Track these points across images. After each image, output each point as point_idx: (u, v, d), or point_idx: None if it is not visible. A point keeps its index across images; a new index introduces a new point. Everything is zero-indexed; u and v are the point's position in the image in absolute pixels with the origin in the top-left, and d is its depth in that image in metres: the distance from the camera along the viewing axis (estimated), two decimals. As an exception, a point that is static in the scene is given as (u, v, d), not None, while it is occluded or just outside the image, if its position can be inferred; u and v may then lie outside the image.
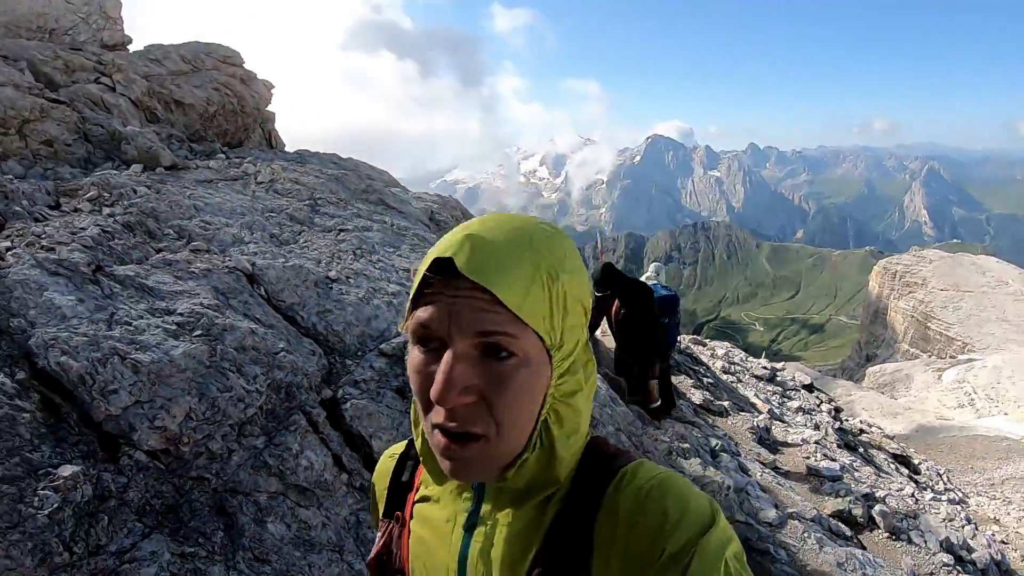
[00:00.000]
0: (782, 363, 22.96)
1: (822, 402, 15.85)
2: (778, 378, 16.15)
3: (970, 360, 41.75)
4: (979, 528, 10.22)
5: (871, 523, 7.28)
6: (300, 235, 5.41)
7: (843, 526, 6.83)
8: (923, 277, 60.40)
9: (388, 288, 4.83)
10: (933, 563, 6.82)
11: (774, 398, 13.52)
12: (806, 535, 5.90)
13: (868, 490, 8.31)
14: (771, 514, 5.97)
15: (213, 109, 10.32)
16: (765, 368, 16.31)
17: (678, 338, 9.78)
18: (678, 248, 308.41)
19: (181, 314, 3.29)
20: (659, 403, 7.60)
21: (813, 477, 8.28)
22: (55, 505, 2.14)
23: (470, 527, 1.00)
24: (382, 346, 4.00)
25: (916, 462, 14.85)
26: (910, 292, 61.12)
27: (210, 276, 3.84)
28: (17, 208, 4.34)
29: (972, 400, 33.83)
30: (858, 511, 7.29)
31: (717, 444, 7.66)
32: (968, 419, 29.51)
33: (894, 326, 63.69)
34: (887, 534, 7.13)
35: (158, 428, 2.60)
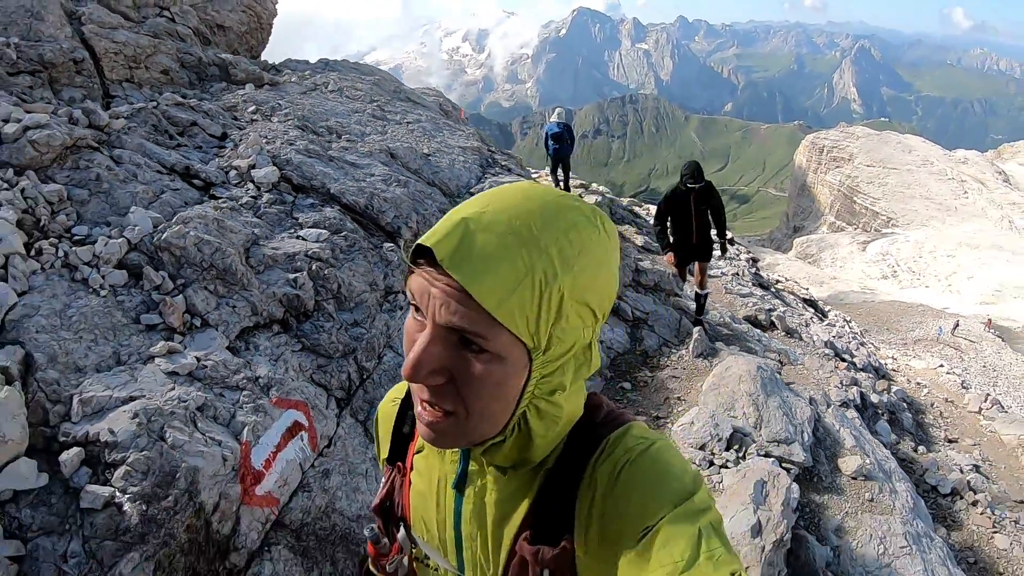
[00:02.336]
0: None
1: (740, 253, 18.21)
2: None
3: (894, 234, 44.68)
4: (868, 351, 13.22)
5: (772, 326, 10.36)
6: (387, 127, 8.05)
7: (753, 327, 9.84)
8: (850, 153, 62.39)
9: (458, 158, 7.60)
10: (817, 353, 9.94)
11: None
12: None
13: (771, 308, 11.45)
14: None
15: (243, 28, 12.42)
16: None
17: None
18: (606, 121, 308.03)
19: (380, 176, 6.03)
20: (707, 292, 8.51)
21: (728, 294, 11.36)
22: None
23: (459, 487, 1.02)
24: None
25: (825, 309, 17.42)
26: (837, 167, 62.65)
27: (373, 156, 6.54)
28: (222, 119, 6.85)
29: (895, 272, 35.62)
30: (762, 317, 10.36)
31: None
32: (891, 289, 31.18)
33: (820, 199, 66.45)
34: (783, 333, 10.22)
35: (409, 228, 5.43)
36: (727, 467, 4.60)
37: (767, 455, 4.84)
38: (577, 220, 0.84)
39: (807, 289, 20.38)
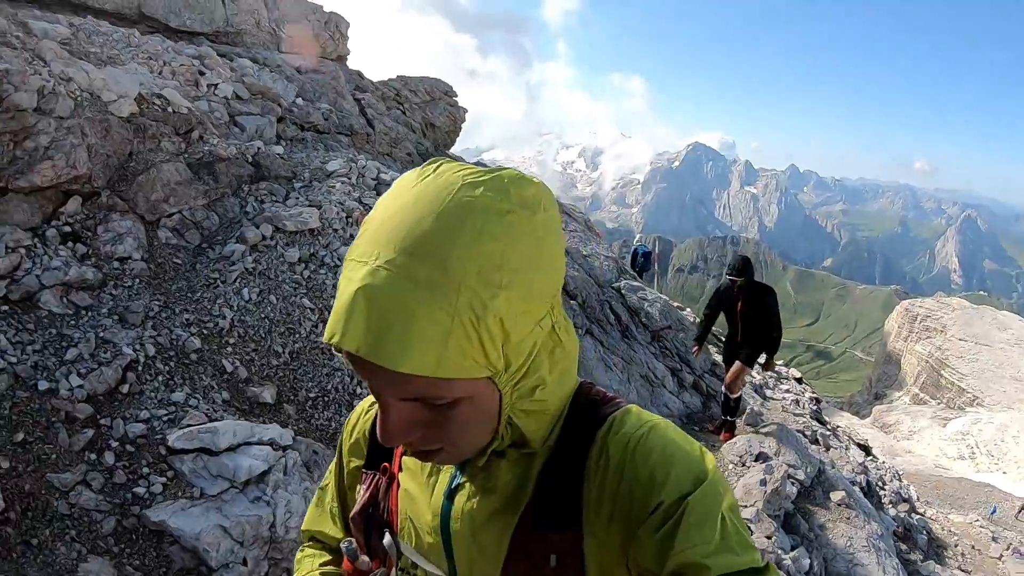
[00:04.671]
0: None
1: (806, 391, 18.30)
2: (776, 369, 19.32)
3: (977, 414, 43.30)
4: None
5: (815, 442, 12.48)
6: (559, 227, 11.39)
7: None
8: (944, 324, 60.05)
9: (604, 263, 10.80)
10: (849, 459, 12.24)
11: (769, 377, 16.26)
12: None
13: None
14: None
15: (446, 128, 16.27)
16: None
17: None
18: (704, 259, 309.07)
19: (565, 256, 9.28)
20: (739, 395, 8.38)
21: (783, 412, 13.78)
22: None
23: (453, 481, 1.01)
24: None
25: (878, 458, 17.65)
26: (928, 337, 61.78)
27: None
28: None
29: (973, 454, 34.45)
30: (808, 434, 12.68)
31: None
32: (966, 471, 29.98)
33: (906, 368, 65.42)
34: (824, 448, 12.49)
35: (580, 297, 8.59)
36: (750, 467, 7.38)
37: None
38: (485, 223, 0.75)
39: (865, 440, 21.49)
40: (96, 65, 6.90)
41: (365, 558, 1.10)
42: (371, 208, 4.30)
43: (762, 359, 7.81)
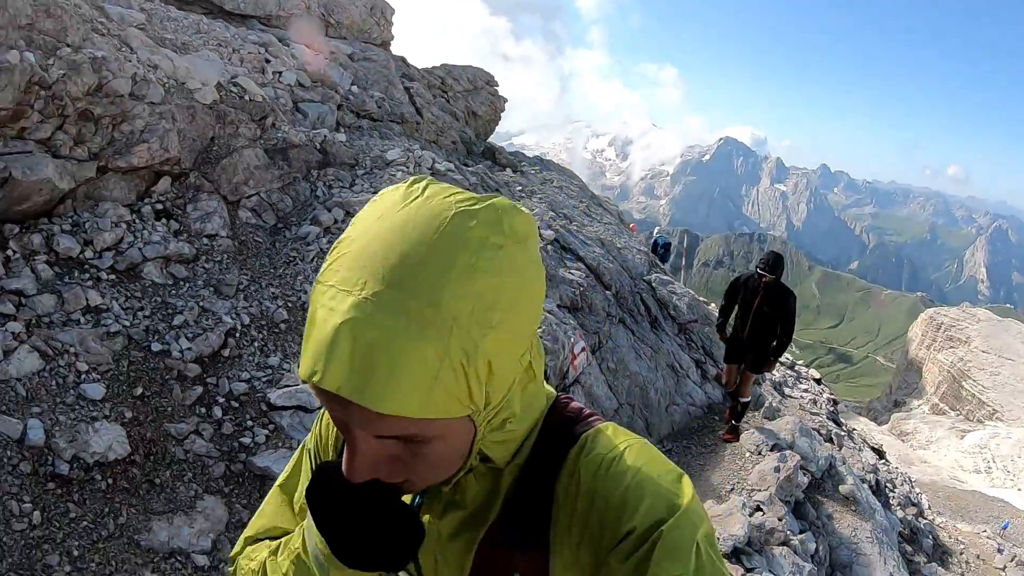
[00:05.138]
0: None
1: (824, 391, 18.87)
2: (796, 366, 19.68)
3: (996, 428, 41.72)
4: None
5: (829, 440, 13.00)
6: (594, 221, 11.85)
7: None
8: (968, 335, 58.61)
9: (636, 256, 11.29)
10: (862, 459, 12.71)
11: (788, 376, 16.10)
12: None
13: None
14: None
15: (487, 116, 16.75)
16: (789, 359, 19.79)
17: None
18: (730, 254, 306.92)
19: (600, 253, 9.74)
20: (748, 400, 8.46)
21: (800, 410, 14.24)
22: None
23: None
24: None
25: (894, 467, 17.53)
26: (951, 347, 60.54)
27: (591, 239, 10.30)
28: (505, 193, 10.74)
29: (989, 468, 33.33)
30: (823, 432, 13.26)
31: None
32: (981, 485, 29.00)
33: (927, 377, 64.40)
34: (836, 447, 12.98)
35: (615, 288, 9.10)
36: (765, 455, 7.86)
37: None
38: (480, 259, 0.73)
39: (880, 444, 21.63)
40: (174, 51, 7.45)
41: None
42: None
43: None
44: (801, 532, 6.88)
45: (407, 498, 0.97)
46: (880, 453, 16.71)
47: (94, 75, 5.49)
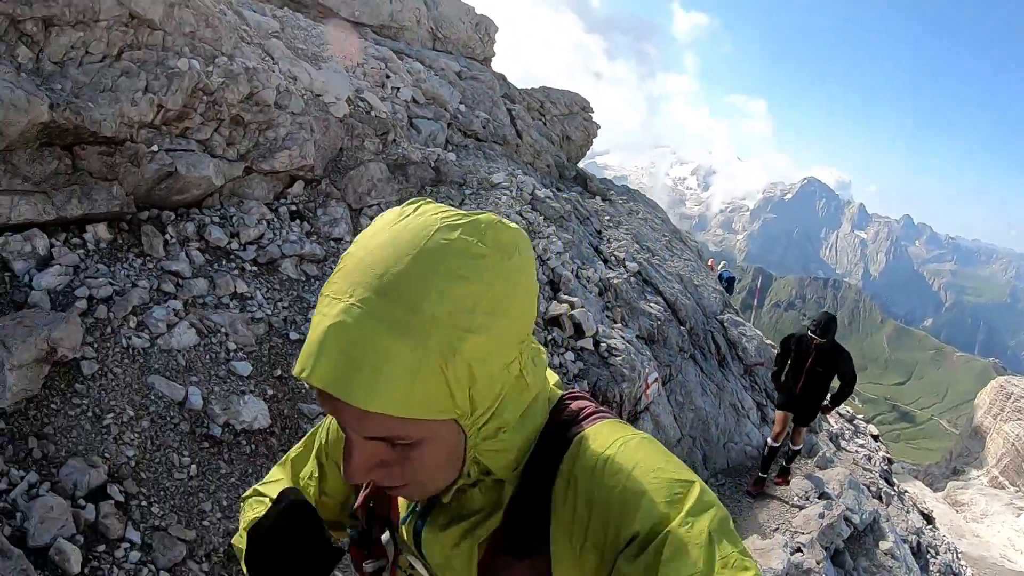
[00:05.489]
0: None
1: (879, 449, 18.48)
2: (855, 420, 19.56)
3: None
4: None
5: (879, 499, 13.16)
6: (674, 256, 12.28)
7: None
8: None
9: (712, 294, 11.66)
10: (908, 521, 12.76)
11: (846, 429, 16.29)
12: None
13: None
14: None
15: (580, 141, 17.29)
16: (849, 411, 19.86)
17: None
18: (802, 297, 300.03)
19: (678, 289, 10.17)
20: (799, 448, 8.57)
21: (855, 464, 14.28)
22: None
23: (419, 534, 1.04)
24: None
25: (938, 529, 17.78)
26: (1019, 419, 59.06)
27: (671, 274, 10.72)
28: (595, 222, 11.25)
29: None
30: (873, 489, 13.34)
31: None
32: None
33: (990, 447, 62.14)
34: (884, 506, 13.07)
35: (689, 323, 9.53)
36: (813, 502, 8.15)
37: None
38: (460, 266, 0.78)
39: (930, 510, 21.06)
40: (306, 62, 8.20)
41: (368, 549, 1.14)
42: (527, 221, 7.64)
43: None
44: (837, 583, 7.23)
45: (403, 507, 1.09)
46: (929, 518, 16.52)
47: (247, 84, 6.27)
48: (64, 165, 4.74)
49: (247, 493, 1.37)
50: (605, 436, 0.93)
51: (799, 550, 7.07)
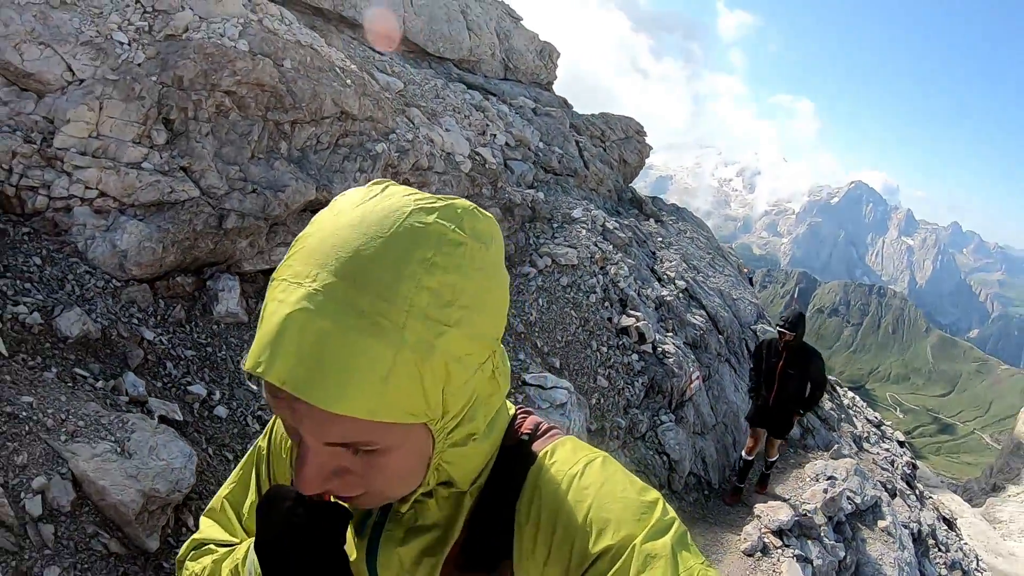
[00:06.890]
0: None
1: (905, 453, 18.75)
2: (883, 426, 18.86)
3: None
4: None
5: (892, 495, 14.49)
6: (716, 273, 14.44)
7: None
8: None
9: (747, 307, 13.85)
10: (919, 518, 14.41)
11: (872, 432, 16.66)
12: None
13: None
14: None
15: (634, 163, 19.42)
16: (878, 417, 19.26)
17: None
18: (846, 304, 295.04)
19: (718, 303, 12.41)
20: (775, 459, 8.74)
21: (873, 464, 16.17)
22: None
23: (372, 536, 0.98)
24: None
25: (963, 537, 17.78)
26: None
27: (713, 290, 12.94)
28: (651, 244, 13.49)
29: None
30: (889, 488, 15.11)
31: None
32: None
33: None
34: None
35: (726, 332, 11.81)
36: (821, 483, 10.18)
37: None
38: (437, 253, 0.73)
39: (954, 517, 21.22)
40: (429, 120, 10.36)
41: None
42: (601, 251, 10.34)
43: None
44: (836, 542, 8.46)
45: (373, 516, 0.99)
46: (950, 524, 16.18)
47: (412, 155, 8.41)
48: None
49: (183, 551, 1.17)
50: (569, 454, 0.95)
51: (805, 515, 8.08)
